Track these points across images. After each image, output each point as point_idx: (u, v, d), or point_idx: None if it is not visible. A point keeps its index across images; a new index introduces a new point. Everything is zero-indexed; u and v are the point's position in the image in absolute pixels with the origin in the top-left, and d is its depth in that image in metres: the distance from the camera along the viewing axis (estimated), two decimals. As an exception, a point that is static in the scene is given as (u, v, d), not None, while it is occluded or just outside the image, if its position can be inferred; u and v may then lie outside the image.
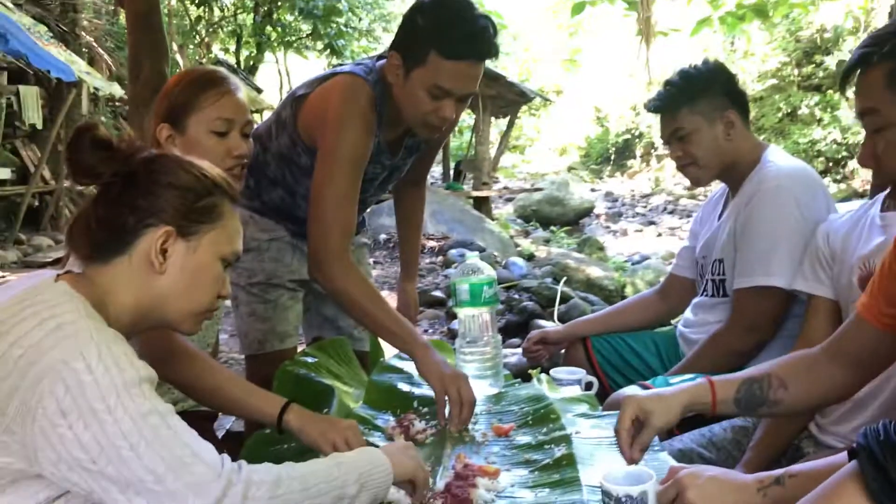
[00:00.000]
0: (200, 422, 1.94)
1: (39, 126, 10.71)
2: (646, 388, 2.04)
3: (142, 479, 1.04)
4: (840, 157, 18.49)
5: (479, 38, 1.89)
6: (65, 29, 11.49)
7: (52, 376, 1.03)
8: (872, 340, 1.43)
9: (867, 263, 1.72)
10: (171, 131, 1.79)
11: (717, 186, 2.45)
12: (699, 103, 2.16)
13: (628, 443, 1.43)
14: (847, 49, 17.99)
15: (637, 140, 26.33)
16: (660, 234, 15.67)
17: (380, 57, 2.11)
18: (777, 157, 2.18)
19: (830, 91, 19.01)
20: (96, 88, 11.17)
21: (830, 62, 18.58)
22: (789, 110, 20.09)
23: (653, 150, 25.25)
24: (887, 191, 1.76)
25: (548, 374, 2.24)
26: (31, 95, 10.48)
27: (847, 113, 18.20)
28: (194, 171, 1.29)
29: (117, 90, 11.35)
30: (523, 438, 1.76)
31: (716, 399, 1.46)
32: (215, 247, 1.29)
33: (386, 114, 2.07)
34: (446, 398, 1.83)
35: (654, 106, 2.25)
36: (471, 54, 1.89)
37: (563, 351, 2.61)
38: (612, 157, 27.86)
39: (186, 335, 1.52)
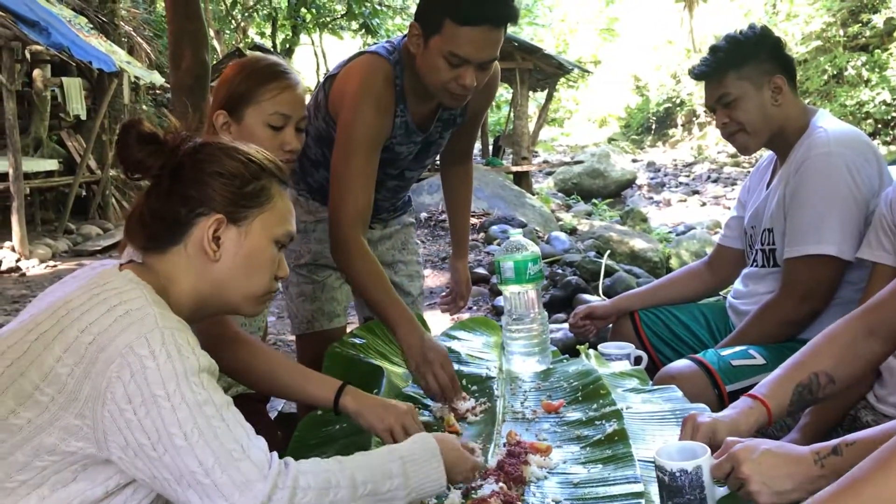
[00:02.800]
0: (253, 404, 1.98)
1: (83, 117, 10.89)
2: (697, 361, 2.02)
3: (192, 472, 1.05)
4: (889, 118, 17.99)
5: (493, 3, 1.87)
6: (104, 20, 11.64)
7: (119, 361, 1.06)
8: None
9: None
10: (227, 118, 1.80)
11: (763, 154, 2.40)
12: (746, 68, 2.11)
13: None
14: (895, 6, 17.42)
15: (678, 108, 25.91)
16: (704, 204, 15.45)
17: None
18: (826, 122, 2.13)
19: (878, 50, 18.46)
20: (137, 77, 11.31)
21: (878, 20, 18.02)
22: (835, 72, 19.57)
23: (694, 118, 24.83)
24: None
25: (596, 349, 2.23)
26: (74, 87, 10.65)
27: (896, 72, 17.67)
28: (240, 156, 1.30)
29: (157, 78, 11.49)
30: (574, 414, 1.76)
31: (771, 419, 1.44)
32: (267, 229, 1.30)
33: (411, 89, 2.07)
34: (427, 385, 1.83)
35: (700, 71, 2.21)
36: (484, 20, 1.86)
37: (610, 325, 2.59)
38: (653, 126, 27.47)
39: (249, 317, 1.53)
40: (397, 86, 2.05)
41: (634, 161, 20.96)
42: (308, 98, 2.39)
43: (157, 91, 14.18)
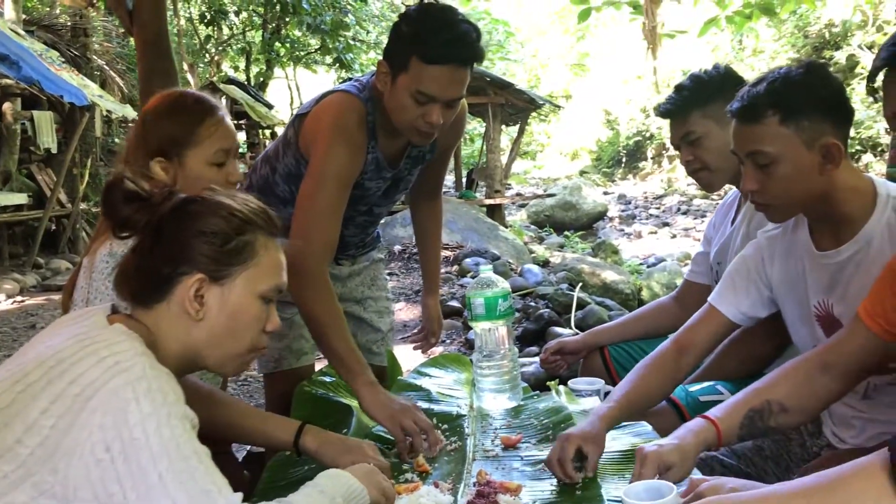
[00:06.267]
0: (219, 444, 1.95)
1: (54, 150, 10.82)
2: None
3: None
4: (853, 151, 18.33)
5: (460, 43, 1.89)
6: (76, 53, 11.62)
7: (103, 409, 1.05)
8: (867, 348, 1.48)
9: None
10: (165, 164, 1.75)
11: (729, 189, 2.44)
12: (711, 107, 2.15)
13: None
14: (856, 43, 17.88)
15: (648, 142, 26.21)
16: (674, 236, 15.60)
17: None
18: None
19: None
20: (109, 111, 11.26)
21: (840, 56, 18.46)
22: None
23: (664, 152, 25.12)
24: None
25: (566, 384, 2.23)
26: (45, 120, 10.59)
27: (858, 107, 18.04)
28: (221, 212, 1.29)
29: (130, 112, 11.44)
30: (544, 453, 1.75)
31: (721, 439, 1.50)
32: (251, 286, 1.29)
33: (381, 126, 2.08)
34: (404, 433, 1.78)
35: (665, 110, 2.25)
36: (451, 59, 1.89)
37: (580, 360, 2.60)
38: (624, 159, 27.76)
39: (230, 375, 1.52)
40: (369, 123, 2.06)
41: (606, 193, 21.11)
42: (280, 129, 2.39)
43: (130, 124, 14.11)
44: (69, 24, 12.43)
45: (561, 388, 2.20)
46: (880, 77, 1.49)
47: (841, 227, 1.67)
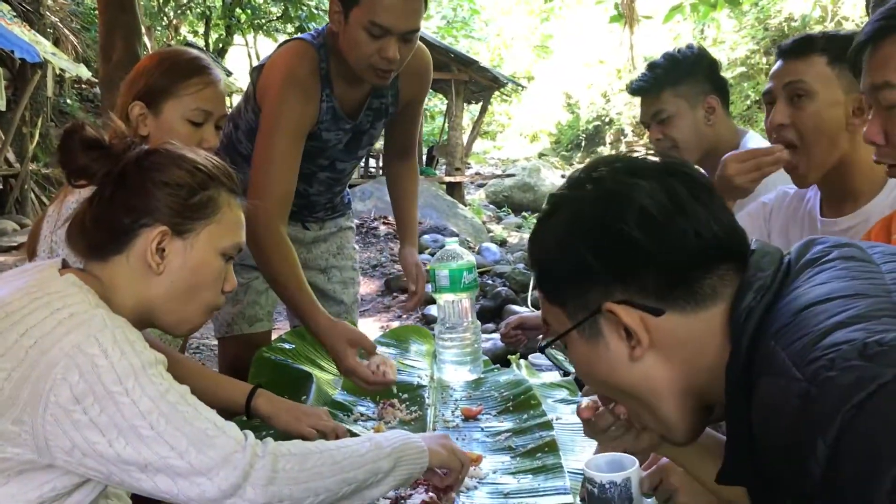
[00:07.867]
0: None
1: (3, 108, 10.49)
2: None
3: (163, 457, 1.03)
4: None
5: None
6: (28, 8, 11.25)
7: (66, 362, 1.02)
8: None
9: None
10: (144, 110, 1.73)
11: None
12: (682, 87, 2.15)
13: None
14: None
15: (607, 127, 26.38)
16: (630, 220, 15.78)
17: None
18: (756, 143, 2.18)
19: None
20: (62, 70, 10.96)
21: (798, 50, 18.84)
22: (757, 97, 20.24)
23: (622, 137, 25.34)
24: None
25: (526, 359, 2.24)
26: (-7, 76, 10.26)
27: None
28: (186, 165, 1.25)
29: (84, 72, 11.16)
30: (504, 424, 1.76)
31: None
32: (214, 242, 1.26)
33: (337, 74, 2.04)
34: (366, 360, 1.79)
35: (637, 87, 2.24)
36: None
37: (540, 336, 2.60)
38: (583, 143, 27.91)
39: (179, 336, 1.48)
40: (322, 70, 2.02)
41: (563, 176, 21.17)
42: (238, 97, 2.34)
43: (84, 85, 13.77)
44: (22, -23, 12.03)
45: (521, 361, 2.20)
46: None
47: (847, 200, 1.68)
